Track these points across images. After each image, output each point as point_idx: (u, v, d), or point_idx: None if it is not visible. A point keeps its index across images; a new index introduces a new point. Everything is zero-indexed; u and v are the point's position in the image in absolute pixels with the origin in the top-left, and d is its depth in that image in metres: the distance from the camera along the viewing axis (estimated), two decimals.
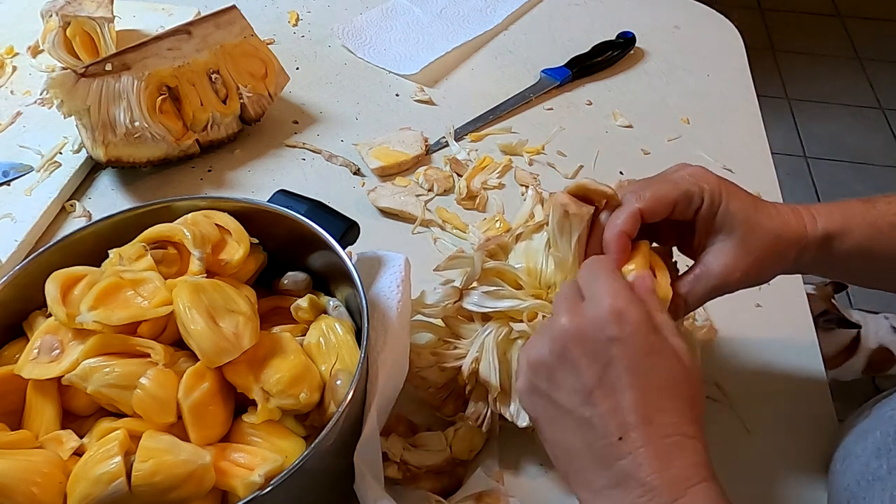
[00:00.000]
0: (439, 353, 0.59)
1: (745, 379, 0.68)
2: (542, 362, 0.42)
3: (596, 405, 0.39)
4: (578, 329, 0.41)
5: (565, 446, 0.42)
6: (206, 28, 0.86)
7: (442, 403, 0.62)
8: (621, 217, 0.49)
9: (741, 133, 0.95)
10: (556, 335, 0.42)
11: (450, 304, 0.58)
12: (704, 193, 0.51)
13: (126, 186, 0.85)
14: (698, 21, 1.12)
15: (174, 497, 0.46)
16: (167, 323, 0.53)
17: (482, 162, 0.88)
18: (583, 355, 0.41)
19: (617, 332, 0.40)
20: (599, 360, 0.40)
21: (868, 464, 0.53)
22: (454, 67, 1.03)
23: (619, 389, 0.39)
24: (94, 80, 0.79)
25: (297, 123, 0.94)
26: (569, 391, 0.41)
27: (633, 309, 0.42)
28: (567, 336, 0.41)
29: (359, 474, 0.50)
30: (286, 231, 0.59)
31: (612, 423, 0.39)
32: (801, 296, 0.75)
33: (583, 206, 0.52)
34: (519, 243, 0.59)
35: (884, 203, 0.54)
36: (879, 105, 2.58)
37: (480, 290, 0.57)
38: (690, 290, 0.51)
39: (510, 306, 0.56)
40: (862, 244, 0.52)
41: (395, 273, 0.58)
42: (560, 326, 0.42)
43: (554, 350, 0.42)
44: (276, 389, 0.50)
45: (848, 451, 0.57)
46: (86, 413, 0.53)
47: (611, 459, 0.39)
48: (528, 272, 0.57)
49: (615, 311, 0.41)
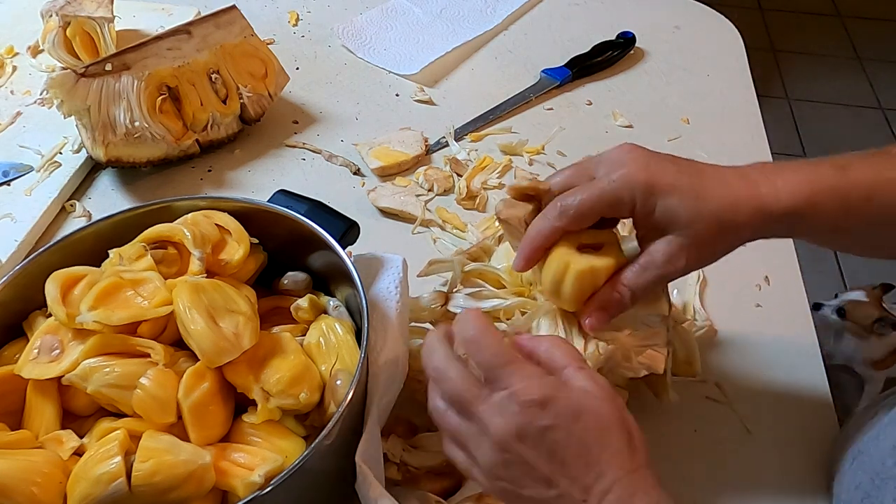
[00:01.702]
0: None
1: (745, 379, 0.68)
2: (499, 473, 0.44)
3: (558, 484, 0.43)
4: (510, 432, 0.43)
5: None
6: (206, 28, 0.86)
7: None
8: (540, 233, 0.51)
9: (741, 133, 0.95)
10: (495, 442, 0.44)
11: (437, 307, 0.59)
12: (635, 196, 0.49)
13: (126, 186, 0.85)
14: (698, 21, 1.12)
15: (174, 497, 0.46)
16: (167, 323, 0.53)
17: (482, 162, 0.88)
18: (528, 451, 0.43)
19: (545, 419, 0.43)
20: (542, 449, 0.43)
21: (883, 462, 0.53)
22: (454, 67, 1.03)
23: (568, 463, 0.43)
24: (94, 80, 0.79)
25: (297, 123, 0.94)
26: (530, 483, 0.44)
27: (546, 389, 0.44)
28: (505, 441, 0.43)
29: (360, 474, 0.50)
30: (286, 231, 0.59)
31: (575, 490, 0.43)
32: (801, 296, 0.75)
33: (517, 206, 0.54)
34: (500, 245, 0.61)
35: (858, 170, 0.50)
36: (879, 105, 2.58)
37: (464, 293, 0.58)
38: (636, 282, 0.51)
39: (494, 306, 0.57)
40: (831, 221, 0.50)
41: (394, 274, 0.58)
42: (494, 433, 0.43)
43: (501, 458, 0.44)
44: (276, 389, 0.50)
45: (860, 450, 0.57)
46: (86, 413, 0.53)
47: None
48: (509, 272, 0.59)
49: (535, 403, 0.43)
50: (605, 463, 0.43)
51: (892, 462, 0.52)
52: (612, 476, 0.43)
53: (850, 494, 0.55)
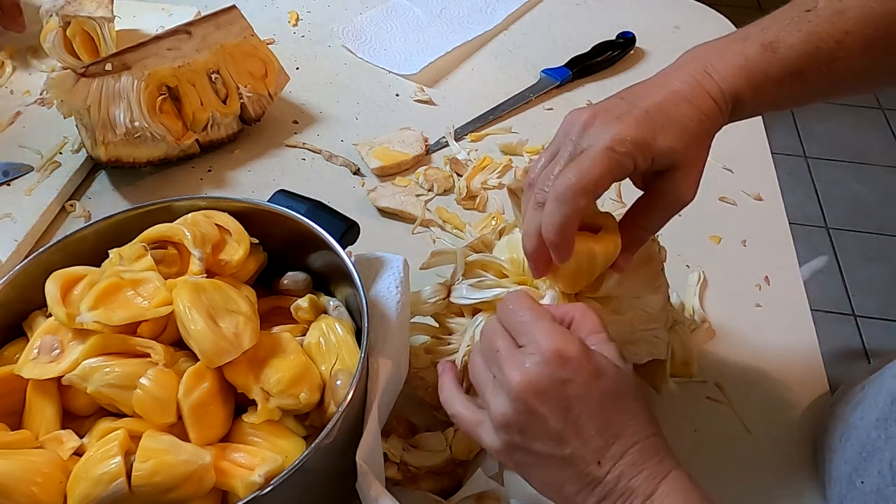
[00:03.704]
0: (433, 351, 0.60)
1: (745, 379, 0.68)
2: (510, 421, 0.45)
3: (569, 443, 0.43)
4: (531, 383, 0.43)
5: (552, 482, 0.45)
6: (206, 28, 0.86)
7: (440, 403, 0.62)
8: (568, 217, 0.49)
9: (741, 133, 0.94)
10: (513, 394, 0.44)
11: (439, 300, 0.59)
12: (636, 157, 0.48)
13: (126, 186, 0.85)
14: (698, 21, 1.12)
15: (174, 497, 0.46)
16: (167, 323, 0.53)
17: (482, 162, 0.88)
18: (543, 405, 0.43)
19: (565, 373, 0.43)
20: (559, 404, 0.43)
21: (868, 434, 0.53)
22: (454, 67, 1.03)
23: (583, 423, 0.43)
24: (94, 80, 0.79)
25: (297, 123, 0.94)
26: (542, 439, 0.44)
27: (570, 345, 0.44)
28: (524, 392, 0.43)
29: (361, 473, 0.50)
30: (286, 231, 0.59)
31: (588, 452, 0.43)
32: (801, 296, 0.75)
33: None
34: (501, 238, 0.61)
35: (785, 46, 0.51)
36: (879, 105, 2.58)
37: (466, 283, 0.58)
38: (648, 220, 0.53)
39: (496, 295, 0.57)
40: (770, 99, 0.52)
41: (395, 274, 0.58)
42: (514, 384, 0.44)
43: (517, 409, 0.44)
44: (276, 389, 0.50)
45: (848, 424, 0.57)
46: (86, 413, 0.53)
47: (595, 481, 0.43)
48: (511, 262, 0.59)
49: (557, 355, 0.44)
50: (622, 426, 0.44)
51: (876, 434, 0.53)
52: (627, 441, 0.43)
53: (840, 470, 0.56)
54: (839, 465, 0.56)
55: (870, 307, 1.95)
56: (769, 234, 0.82)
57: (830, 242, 2.11)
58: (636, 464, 0.43)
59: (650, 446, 0.44)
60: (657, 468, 0.43)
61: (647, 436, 0.44)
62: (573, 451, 0.43)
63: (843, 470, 0.55)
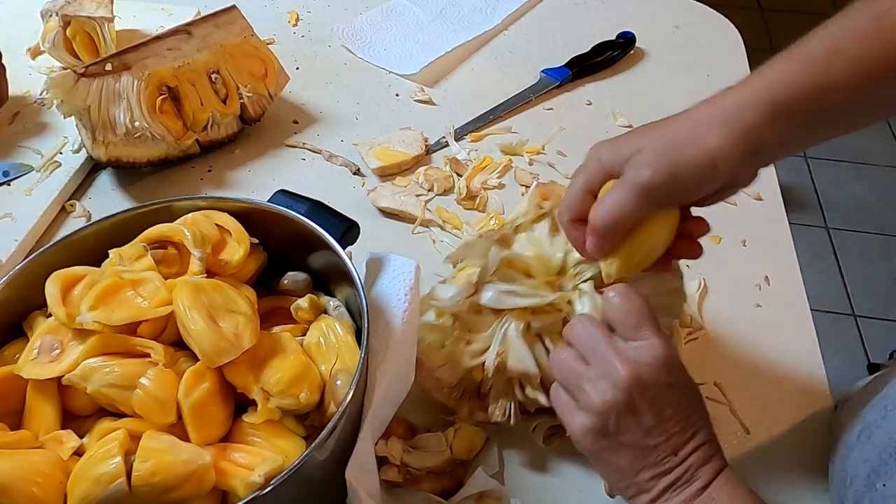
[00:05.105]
0: (453, 351, 0.58)
1: (745, 379, 0.68)
2: (609, 410, 0.48)
3: (654, 437, 0.48)
4: (640, 380, 0.48)
5: (629, 468, 0.49)
6: (206, 28, 0.86)
7: (457, 403, 0.62)
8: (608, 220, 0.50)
9: None
10: (620, 385, 0.48)
11: (464, 299, 0.57)
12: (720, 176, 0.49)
13: (126, 186, 0.85)
14: (698, 21, 1.12)
15: (174, 497, 0.46)
16: (167, 323, 0.53)
17: (482, 162, 0.88)
18: (645, 402, 0.48)
19: (670, 377, 0.49)
20: (659, 403, 0.48)
21: (891, 437, 0.53)
22: (454, 67, 1.03)
23: (666, 419, 0.48)
24: (94, 80, 0.79)
25: (297, 123, 0.94)
26: (633, 430, 0.48)
27: (674, 351, 0.49)
28: (632, 387, 0.48)
29: (350, 490, 0.50)
30: (286, 231, 0.59)
31: (668, 446, 0.49)
32: (801, 296, 0.75)
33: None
34: (519, 234, 0.60)
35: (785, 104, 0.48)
36: None
37: (499, 288, 0.56)
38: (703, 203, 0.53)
39: (532, 303, 0.56)
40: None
41: (404, 280, 0.57)
42: (623, 378, 0.48)
43: (622, 399, 0.48)
44: (276, 389, 0.50)
45: (868, 422, 0.57)
46: (86, 413, 0.53)
47: (668, 470, 0.49)
48: (538, 259, 0.58)
49: (666, 360, 0.48)
50: (699, 426, 0.49)
51: None
52: (700, 438, 0.49)
53: (857, 469, 0.56)
54: (856, 463, 0.56)
55: (870, 307, 1.95)
56: (769, 234, 0.82)
57: (830, 242, 2.11)
58: (704, 458, 0.49)
59: (714, 444, 0.50)
60: (716, 463, 0.49)
61: (713, 437, 0.50)
62: (657, 444, 0.48)
63: (861, 469, 0.55)
